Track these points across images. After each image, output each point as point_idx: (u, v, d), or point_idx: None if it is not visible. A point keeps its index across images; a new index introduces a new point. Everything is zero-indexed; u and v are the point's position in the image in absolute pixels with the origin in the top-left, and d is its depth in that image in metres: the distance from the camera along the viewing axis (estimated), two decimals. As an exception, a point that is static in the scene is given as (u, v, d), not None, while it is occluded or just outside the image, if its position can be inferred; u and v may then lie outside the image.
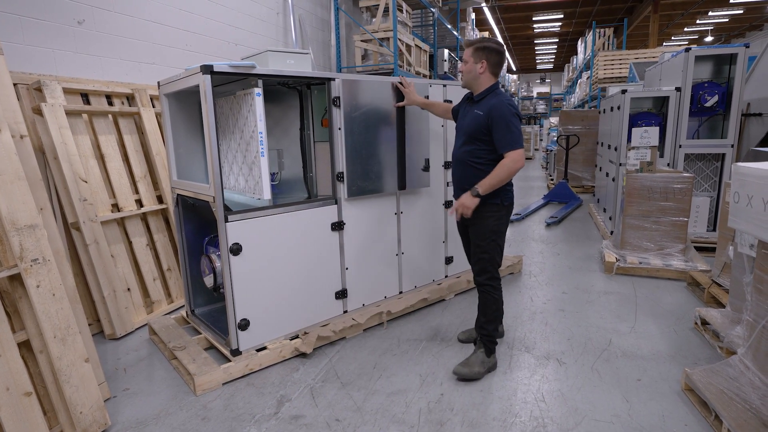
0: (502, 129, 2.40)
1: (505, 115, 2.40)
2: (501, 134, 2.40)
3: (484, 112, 2.46)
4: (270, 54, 2.69)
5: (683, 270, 3.93)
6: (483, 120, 2.45)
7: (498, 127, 2.40)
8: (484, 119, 2.45)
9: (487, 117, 2.43)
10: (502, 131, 2.40)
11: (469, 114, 2.57)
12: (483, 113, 2.46)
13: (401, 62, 6.78)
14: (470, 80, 2.55)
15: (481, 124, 2.46)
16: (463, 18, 10.84)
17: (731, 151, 4.71)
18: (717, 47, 4.91)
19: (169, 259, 3.65)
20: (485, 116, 2.44)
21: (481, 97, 2.54)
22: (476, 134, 2.50)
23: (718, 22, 19.28)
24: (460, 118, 2.68)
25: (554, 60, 30.20)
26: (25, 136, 2.23)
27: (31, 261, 1.99)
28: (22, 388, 1.93)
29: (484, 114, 2.45)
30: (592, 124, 8.79)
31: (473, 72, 2.52)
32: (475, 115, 2.51)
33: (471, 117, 2.54)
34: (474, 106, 2.55)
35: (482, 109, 2.48)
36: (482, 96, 2.53)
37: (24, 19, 3.15)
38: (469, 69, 2.52)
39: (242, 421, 2.23)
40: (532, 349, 2.84)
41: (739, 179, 2.06)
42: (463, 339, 2.94)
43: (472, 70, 2.52)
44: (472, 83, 2.56)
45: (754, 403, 1.99)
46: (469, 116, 2.56)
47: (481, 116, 2.47)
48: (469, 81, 2.56)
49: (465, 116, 2.61)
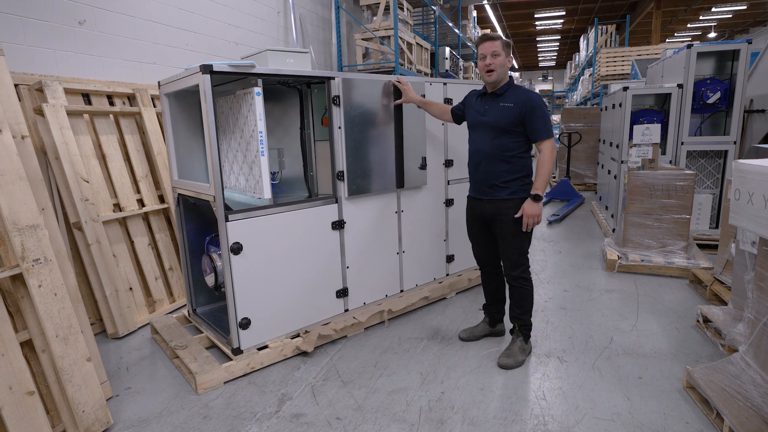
0: (538, 118, 2.44)
1: (540, 105, 2.47)
2: (538, 123, 2.45)
3: (514, 103, 2.48)
4: (270, 53, 2.69)
5: (685, 267, 3.92)
6: (515, 111, 2.47)
7: (534, 117, 2.44)
8: (516, 111, 2.47)
9: (521, 108, 2.46)
10: (539, 120, 2.45)
11: (494, 108, 2.55)
12: (513, 104, 2.48)
13: (402, 60, 6.77)
14: (503, 74, 2.54)
15: (514, 115, 2.47)
16: (465, 15, 10.81)
17: (734, 148, 4.69)
18: (719, 43, 4.88)
19: (171, 258, 3.66)
20: (517, 107, 2.46)
21: (503, 90, 2.55)
22: (509, 126, 2.50)
23: (721, 18, 19.15)
24: (476, 114, 2.65)
25: (556, 57, 30.09)
26: (26, 137, 2.24)
27: (33, 261, 2.00)
28: (24, 387, 1.94)
29: (516, 105, 2.47)
30: (594, 121, 8.76)
31: (506, 65, 2.53)
32: (504, 108, 2.51)
33: (498, 110, 2.53)
34: (497, 100, 2.55)
35: (511, 101, 2.50)
36: (505, 89, 2.55)
37: (25, 20, 3.16)
38: (502, 62, 2.51)
39: (243, 419, 2.23)
40: (533, 347, 2.83)
41: (740, 176, 2.05)
42: (465, 337, 2.94)
43: (505, 63, 2.53)
44: (503, 77, 2.55)
45: (755, 400, 1.98)
46: (495, 110, 2.54)
47: (511, 108, 2.48)
48: (502, 74, 2.54)
49: (486, 111, 2.58)
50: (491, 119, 2.55)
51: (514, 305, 2.70)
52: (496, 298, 2.92)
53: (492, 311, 2.94)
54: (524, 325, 2.70)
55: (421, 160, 3.32)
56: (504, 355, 2.65)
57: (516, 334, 2.73)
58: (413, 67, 7.21)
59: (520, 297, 2.67)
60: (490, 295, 2.94)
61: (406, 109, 3.16)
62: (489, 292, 2.94)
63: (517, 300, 2.68)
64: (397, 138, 3.14)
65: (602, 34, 13.12)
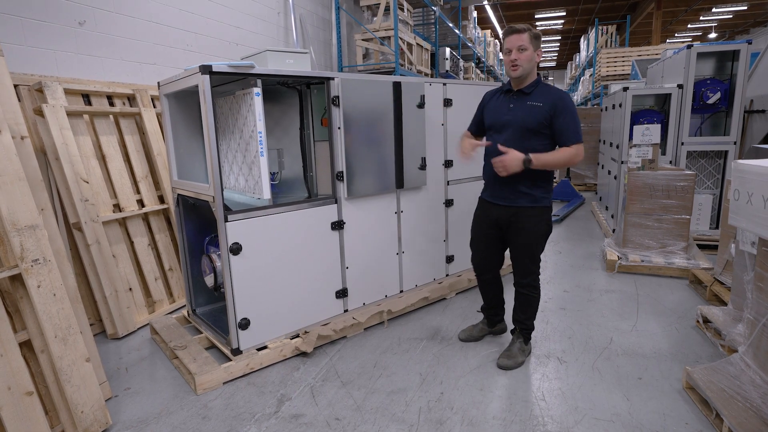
0: (570, 120, 2.30)
1: (572, 106, 2.33)
2: (570, 125, 2.30)
3: (544, 102, 2.32)
4: (269, 54, 2.69)
5: (685, 268, 3.92)
6: (545, 111, 2.32)
7: (566, 118, 2.30)
8: (546, 111, 2.32)
9: (551, 108, 2.31)
10: (570, 122, 2.30)
11: (521, 107, 2.39)
12: (543, 104, 2.32)
13: (402, 61, 6.77)
14: (529, 69, 2.35)
15: (543, 116, 2.32)
16: (465, 16, 10.81)
17: (734, 149, 4.69)
18: (719, 44, 4.88)
19: (171, 258, 3.66)
20: (548, 107, 2.31)
21: (531, 88, 2.38)
22: (537, 127, 2.34)
23: (722, 18, 19.15)
24: (498, 113, 2.48)
25: (557, 57, 30.09)
26: (26, 137, 2.24)
27: (32, 261, 2.00)
28: (23, 388, 1.94)
29: (546, 105, 2.32)
30: (594, 121, 8.76)
31: (533, 60, 2.34)
32: (533, 107, 2.34)
33: (526, 110, 2.36)
34: (525, 98, 2.39)
35: (540, 100, 2.33)
36: (533, 87, 2.39)
37: (25, 21, 3.16)
38: (529, 57, 2.32)
39: (242, 420, 2.23)
40: (532, 348, 2.83)
41: (739, 176, 2.05)
42: (464, 338, 2.93)
43: (532, 58, 2.33)
44: (529, 73, 2.37)
45: (755, 401, 1.98)
46: (522, 109, 2.38)
47: (541, 107, 2.32)
48: (528, 70, 2.35)
49: (512, 110, 2.42)
50: (518, 119, 2.38)
51: (519, 310, 2.67)
52: (494, 302, 2.88)
53: (490, 314, 2.92)
54: (526, 328, 2.69)
55: (420, 161, 3.32)
56: (504, 356, 2.64)
57: (516, 335, 2.73)
58: (413, 68, 7.21)
59: (526, 303, 2.64)
60: (489, 300, 2.89)
61: (406, 109, 3.16)
62: (488, 298, 2.89)
63: (523, 306, 2.65)
64: (396, 138, 3.14)
65: (602, 34, 13.12)
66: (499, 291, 2.86)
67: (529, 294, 2.61)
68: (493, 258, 2.74)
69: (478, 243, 2.74)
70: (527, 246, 2.51)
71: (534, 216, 2.46)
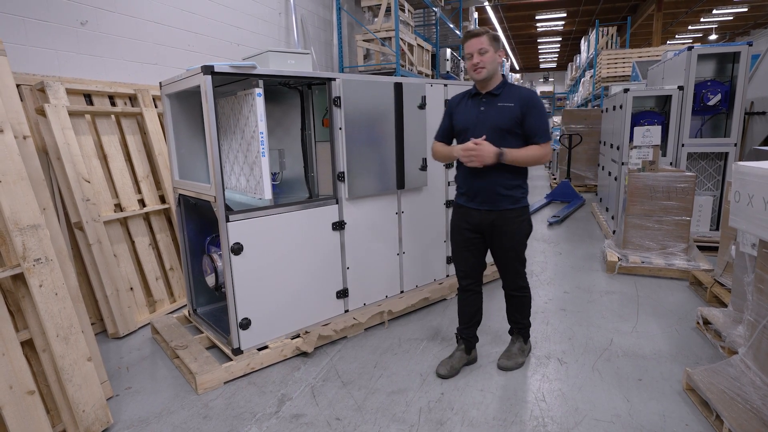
0: (539, 118, 2.33)
1: (541, 104, 2.36)
2: (539, 123, 2.32)
3: (515, 102, 2.33)
4: (271, 54, 2.70)
5: (686, 269, 3.92)
6: (516, 111, 2.32)
7: (536, 117, 2.32)
8: (517, 110, 2.32)
9: (522, 107, 2.31)
10: (540, 120, 2.33)
11: (492, 108, 2.37)
12: (514, 104, 2.33)
13: (403, 62, 6.78)
14: (493, 71, 2.35)
15: (515, 115, 2.32)
16: (466, 17, 10.83)
17: (734, 150, 4.69)
18: (720, 45, 4.89)
19: (172, 258, 3.67)
20: (518, 107, 2.32)
21: (500, 89, 2.39)
22: (510, 127, 2.33)
23: (722, 20, 19.16)
24: (469, 116, 2.44)
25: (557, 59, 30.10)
26: (28, 137, 2.25)
27: (34, 261, 2.00)
28: (25, 387, 1.94)
29: (517, 104, 2.32)
30: (595, 123, 8.77)
31: (495, 62, 2.35)
32: (504, 108, 2.34)
33: (498, 111, 2.35)
34: (495, 99, 2.38)
35: (511, 100, 2.34)
36: (501, 88, 2.39)
37: (27, 20, 3.17)
38: (491, 58, 2.33)
39: (243, 419, 2.24)
40: (533, 349, 2.83)
41: (739, 178, 2.05)
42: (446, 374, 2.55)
43: (494, 59, 2.34)
44: (493, 74, 2.36)
45: (755, 403, 1.98)
46: (494, 110, 2.36)
47: (512, 108, 2.32)
48: (491, 72, 2.35)
49: (483, 112, 2.39)
50: (491, 120, 2.36)
51: (515, 312, 2.66)
52: (473, 321, 2.66)
53: (468, 336, 2.66)
54: (524, 327, 2.69)
55: (421, 161, 3.32)
56: (504, 357, 2.64)
57: (515, 336, 2.72)
58: (414, 69, 7.22)
59: (521, 305, 2.63)
60: (468, 318, 2.64)
61: (407, 110, 3.17)
62: (467, 314, 2.64)
63: (518, 308, 2.65)
64: (397, 139, 3.15)
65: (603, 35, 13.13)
66: (481, 303, 2.68)
67: (522, 296, 2.61)
68: (478, 264, 2.61)
69: (461, 251, 2.59)
70: (513, 248, 2.49)
71: (516, 217, 2.44)
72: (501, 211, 2.43)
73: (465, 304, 2.65)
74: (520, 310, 2.65)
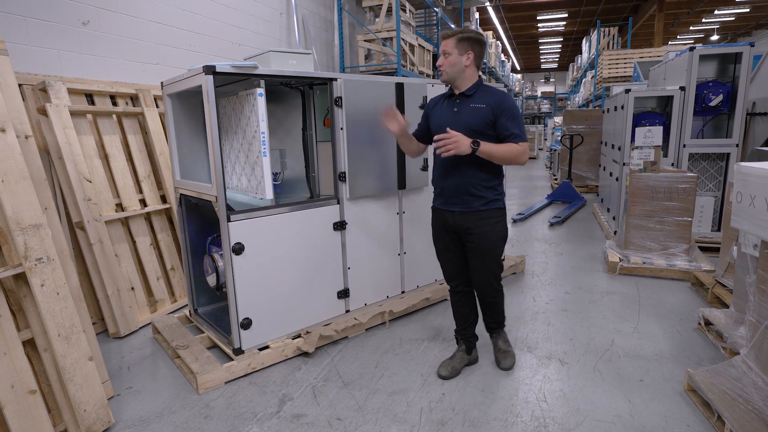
0: (512, 120, 2.30)
1: (513, 106, 2.31)
2: (512, 125, 2.29)
3: (486, 104, 2.31)
4: (272, 54, 2.70)
5: (687, 270, 3.92)
6: (487, 113, 2.30)
7: (508, 118, 2.29)
8: (488, 112, 2.30)
9: (493, 109, 2.29)
10: (513, 122, 2.30)
11: (465, 109, 2.36)
12: (486, 105, 2.31)
13: (404, 62, 6.78)
14: (455, 74, 2.34)
15: (486, 117, 2.30)
16: (467, 17, 10.83)
17: (736, 151, 4.68)
18: (721, 46, 4.88)
19: (173, 258, 3.67)
20: (489, 108, 2.30)
21: (473, 90, 2.36)
22: (482, 128, 2.31)
23: (724, 20, 19.15)
24: (443, 116, 2.43)
25: (558, 59, 30.10)
26: (29, 137, 2.25)
27: (36, 260, 2.00)
28: (26, 386, 1.95)
29: (488, 106, 2.30)
30: (596, 123, 8.76)
31: (458, 65, 2.32)
32: (476, 109, 2.32)
33: (469, 112, 2.34)
34: (468, 101, 2.36)
35: (482, 102, 2.32)
36: (474, 89, 2.36)
37: (29, 20, 3.17)
38: (453, 62, 2.32)
39: (244, 419, 2.24)
40: (534, 349, 2.83)
41: (741, 179, 2.05)
42: (447, 375, 2.56)
43: (457, 62, 2.32)
44: (456, 77, 2.35)
45: (756, 404, 1.98)
46: (466, 111, 2.35)
47: (483, 109, 2.31)
48: (454, 75, 2.34)
49: (457, 113, 2.37)
50: (463, 121, 2.34)
51: (489, 314, 2.65)
52: (470, 321, 2.65)
53: (467, 336, 2.66)
54: (500, 323, 2.70)
55: (422, 162, 3.32)
56: (501, 358, 2.63)
57: (496, 333, 2.72)
58: (415, 69, 7.22)
59: (494, 306, 2.61)
60: (464, 319, 2.65)
61: (408, 110, 3.17)
62: (462, 315, 2.65)
63: (492, 309, 2.63)
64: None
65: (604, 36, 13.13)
66: (474, 302, 2.67)
67: (493, 300, 2.57)
68: (463, 265, 2.58)
69: (444, 253, 2.59)
70: (487, 251, 2.42)
71: (489, 218, 2.39)
72: (474, 212, 2.38)
73: (458, 305, 2.65)
74: (495, 310, 2.63)
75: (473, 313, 2.67)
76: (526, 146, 2.30)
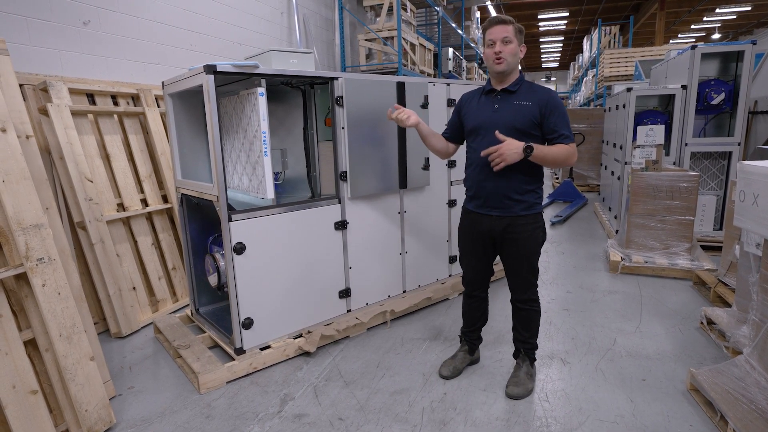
0: (562, 119, 2.14)
1: (562, 106, 2.16)
2: (562, 125, 2.14)
3: (533, 101, 2.16)
4: (273, 53, 2.70)
5: (689, 269, 3.91)
6: (534, 111, 2.15)
7: (557, 117, 2.14)
8: (535, 110, 2.15)
9: (541, 107, 2.15)
10: (563, 121, 2.14)
11: (508, 107, 2.20)
12: (532, 103, 2.15)
13: (405, 61, 6.77)
14: (513, 65, 2.16)
15: (533, 115, 2.15)
16: (468, 16, 10.81)
17: (738, 149, 4.67)
18: (723, 44, 4.87)
19: (174, 258, 3.67)
20: (537, 106, 2.15)
21: (516, 86, 2.21)
22: (528, 128, 2.15)
23: (726, 19, 19.10)
24: (482, 114, 2.26)
25: (560, 58, 30.06)
26: (30, 137, 2.25)
27: (37, 260, 2.00)
28: (28, 386, 1.95)
29: (535, 104, 2.15)
30: (597, 122, 8.75)
31: (518, 55, 2.16)
32: (521, 107, 2.16)
33: (514, 109, 2.18)
34: (511, 97, 2.21)
35: (528, 99, 2.17)
36: (518, 85, 2.21)
37: (30, 20, 3.17)
38: (514, 50, 2.14)
39: (246, 419, 2.24)
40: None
41: (744, 177, 2.04)
42: (448, 374, 2.54)
43: (517, 52, 2.16)
44: (513, 69, 2.18)
45: (760, 403, 1.97)
46: (510, 109, 2.19)
47: (530, 107, 2.15)
48: (513, 66, 2.16)
49: (497, 110, 2.22)
50: (506, 120, 2.17)
51: (522, 329, 2.42)
52: (478, 324, 2.61)
53: (472, 338, 2.62)
54: (531, 347, 2.45)
55: (423, 161, 3.32)
56: (512, 384, 2.38)
57: (522, 358, 2.47)
58: (416, 68, 7.21)
59: (528, 320, 2.40)
60: (473, 321, 2.59)
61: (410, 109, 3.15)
62: (472, 318, 2.59)
63: (525, 323, 2.40)
64: (400, 138, 3.14)
65: (606, 35, 13.09)
66: (486, 307, 2.60)
67: (530, 309, 2.38)
68: (487, 272, 2.50)
69: (470, 258, 2.46)
70: (526, 258, 2.29)
71: (529, 224, 2.25)
72: (514, 218, 2.25)
73: (471, 309, 2.58)
74: (528, 325, 2.41)
75: (483, 317, 2.60)
76: (575, 147, 2.17)
